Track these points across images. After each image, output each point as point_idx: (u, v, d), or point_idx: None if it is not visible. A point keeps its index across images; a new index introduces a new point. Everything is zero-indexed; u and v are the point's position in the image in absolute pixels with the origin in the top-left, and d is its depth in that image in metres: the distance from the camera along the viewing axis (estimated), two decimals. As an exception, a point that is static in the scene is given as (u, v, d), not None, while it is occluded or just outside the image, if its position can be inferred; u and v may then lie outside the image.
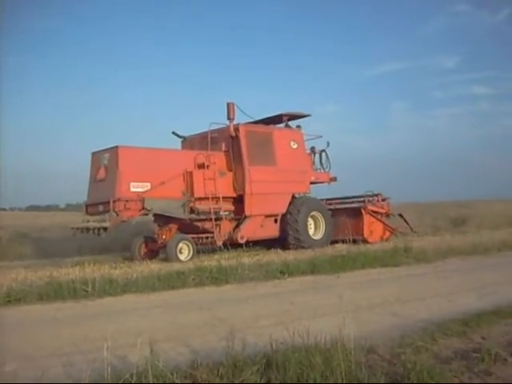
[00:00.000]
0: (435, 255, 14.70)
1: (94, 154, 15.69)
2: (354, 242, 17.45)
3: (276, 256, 14.65)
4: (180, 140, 18.56)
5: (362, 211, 18.80)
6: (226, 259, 13.54)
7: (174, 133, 18.41)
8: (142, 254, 15.66)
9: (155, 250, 15.74)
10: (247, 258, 13.60)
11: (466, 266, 13.50)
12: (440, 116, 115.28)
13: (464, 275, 11.95)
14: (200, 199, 15.88)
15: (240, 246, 16.69)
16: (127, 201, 14.41)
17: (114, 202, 14.15)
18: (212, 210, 15.81)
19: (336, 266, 12.81)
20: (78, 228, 14.92)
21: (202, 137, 17.58)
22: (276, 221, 17.74)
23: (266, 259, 13.62)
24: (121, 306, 9.26)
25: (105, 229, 14.17)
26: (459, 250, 15.74)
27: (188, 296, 10.11)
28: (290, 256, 14.11)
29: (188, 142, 18.36)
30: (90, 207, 15.26)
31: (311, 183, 19.01)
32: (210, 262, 13.20)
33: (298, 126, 19.34)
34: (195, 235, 15.72)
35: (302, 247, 17.15)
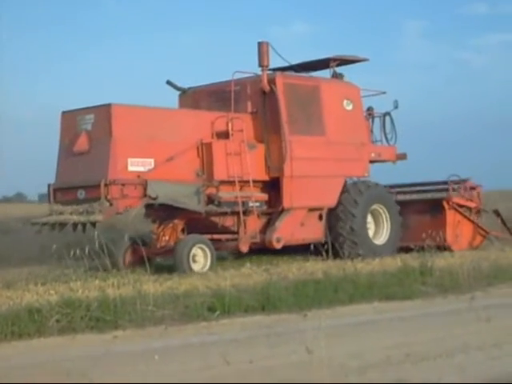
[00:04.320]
0: (472, 281, 10.90)
1: (66, 114, 12.09)
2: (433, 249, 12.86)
3: (201, 281, 10.38)
4: (178, 94, 14.25)
5: (445, 205, 14.68)
6: (116, 286, 9.37)
7: (169, 82, 14.11)
8: (128, 262, 12.05)
9: (147, 257, 11.30)
10: (153, 285, 9.60)
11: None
12: (485, 46, 65.16)
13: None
14: (222, 183, 12.36)
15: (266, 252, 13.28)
16: (124, 184, 11.23)
17: (106, 185, 10.96)
18: (240, 200, 12.19)
19: (304, 299, 9.20)
20: (44, 223, 11.55)
21: (215, 90, 13.70)
22: (321, 217, 13.56)
23: (184, 287, 9.65)
24: None
25: (94, 224, 11.25)
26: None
27: (45, 352, 6.98)
28: (225, 281, 9.97)
29: (190, 98, 14.01)
30: (62, 193, 11.82)
31: (370, 162, 14.67)
32: (88, 291, 9.20)
33: (340, 75, 14.82)
34: (209, 236, 12.19)
35: (358, 255, 12.99)
